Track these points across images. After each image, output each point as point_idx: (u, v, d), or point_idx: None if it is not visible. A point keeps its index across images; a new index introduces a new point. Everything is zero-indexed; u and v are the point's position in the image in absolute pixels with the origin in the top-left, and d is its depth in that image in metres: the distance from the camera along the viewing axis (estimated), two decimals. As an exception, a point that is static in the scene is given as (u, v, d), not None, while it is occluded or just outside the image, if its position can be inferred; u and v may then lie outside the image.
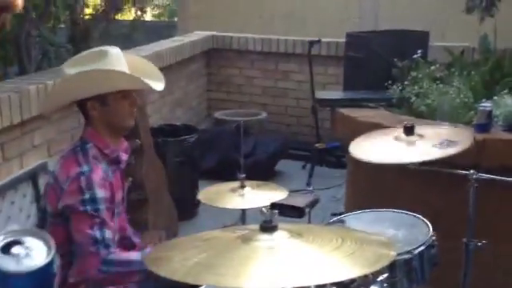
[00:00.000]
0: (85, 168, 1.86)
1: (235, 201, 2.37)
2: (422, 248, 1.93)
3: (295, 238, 1.40)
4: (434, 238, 2.02)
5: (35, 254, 1.65)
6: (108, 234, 1.85)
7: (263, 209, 1.41)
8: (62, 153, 2.06)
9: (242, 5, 7.31)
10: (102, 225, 1.84)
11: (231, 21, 7.05)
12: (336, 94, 4.08)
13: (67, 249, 1.89)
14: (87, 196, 1.83)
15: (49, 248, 1.67)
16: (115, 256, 1.85)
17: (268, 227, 1.36)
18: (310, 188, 4.10)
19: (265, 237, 1.37)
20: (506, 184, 2.20)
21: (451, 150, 2.18)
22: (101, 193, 1.85)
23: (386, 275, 1.61)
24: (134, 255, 1.90)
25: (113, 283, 1.88)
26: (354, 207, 2.73)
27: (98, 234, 1.83)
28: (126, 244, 2.08)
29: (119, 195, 1.99)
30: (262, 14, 7.16)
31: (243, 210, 2.46)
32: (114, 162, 1.98)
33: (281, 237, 1.38)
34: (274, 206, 2.16)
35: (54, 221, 1.93)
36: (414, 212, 2.21)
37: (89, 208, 1.83)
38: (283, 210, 2.32)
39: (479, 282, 2.34)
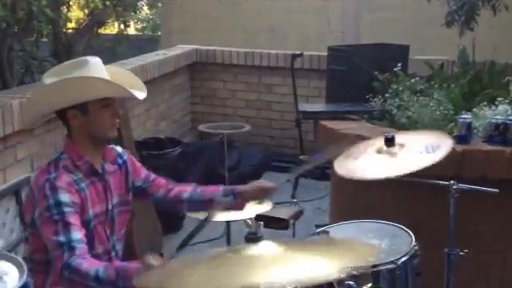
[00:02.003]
0: (51, 175, 1.85)
1: (220, 213, 2.38)
2: (405, 258, 1.96)
3: (280, 249, 1.43)
4: (416, 248, 2.05)
5: (8, 278, 1.64)
6: (75, 235, 1.79)
7: (248, 221, 1.43)
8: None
9: (226, 19, 7.38)
10: (67, 227, 1.79)
11: (214, 35, 7.11)
12: (319, 106, 4.13)
13: (44, 258, 1.87)
14: (51, 201, 1.81)
15: (21, 272, 1.65)
16: (76, 262, 1.76)
17: (253, 238, 1.38)
18: (295, 200, 4.12)
19: (251, 248, 1.39)
20: (485, 194, 2.24)
21: (435, 156, 2.21)
22: (65, 196, 1.82)
23: (369, 285, 1.63)
24: (95, 268, 1.76)
25: None
26: (338, 218, 2.75)
27: (61, 237, 1.78)
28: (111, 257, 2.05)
29: (98, 208, 1.95)
30: (245, 28, 7.23)
31: (228, 223, 2.48)
32: (92, 173, 1.95)
33: (267, 246, 1.41)
34: (258, 217, 2.18)
35: (32, 231, 1.92)
36: (397, 222, 2.24)
37: (54, 212, 1.80)
38: (268, 221, 2.33)
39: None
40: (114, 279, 1.72)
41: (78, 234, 1.80)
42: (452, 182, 2.16)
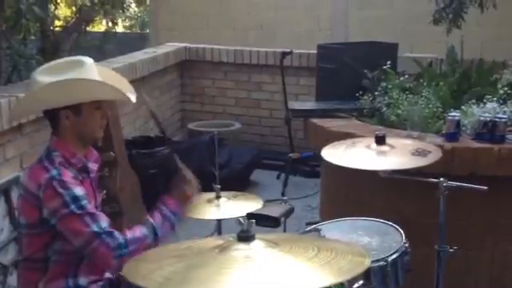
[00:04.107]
0: (53, 172, 1.86)
1: (211, 211, 2.38)
2: (395, 255, 1.97)
3: (272, 247, 1.43)
4: (406, 245, 2.06)
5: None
6: (103, 223, 1.85)
7: (240, 219, 1.43)
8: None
9: (215, 17, 7.36)
10: (94, 217, 1.84)
11: (203, 32, 7.09)
12: (308, 104, 4.13)
13: (43, 256, 1.90)
14: (67, 197, 1.82)
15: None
16: (125, 238, 1.85)
17: (245, 237, 1.38)
18: (285, 198, 4.13)
19: (242, 246, 1.39)
20: (474, 191, 2.26)
21: (423, 160, 2.24)
22: (78, 190, 1.85)
23: (361, 282, 1.64)
24: (139, 231, 1.89)
25: None
26: (328, 216, 2.76)
27: (94, 227, 1.83)
28: None
29: (92, 204, 1.98)
30: (234, 26, 7.22)
31: (219, 221, 2.48)
32: (83, 171, 1.98)
33: (257, 246, 1.41)
34: (249, 216, 2.18)
35: (29, 231, 1.92)
36: (387, 220, 2.25)
37: (73, 207, 1.82)
38: (259, 219, 2.33)
39: (451, 287, 2.39)
40: (166, 222, 1.95)
41: (105, 221, 1.87)
42: (441, 179, 2.17)
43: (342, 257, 1.43)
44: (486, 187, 2.20)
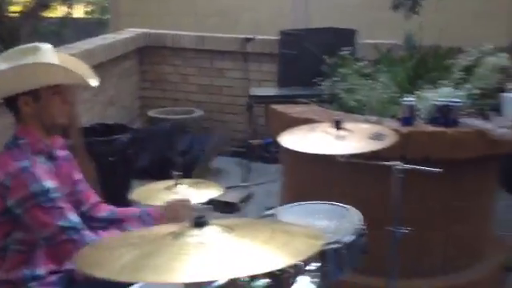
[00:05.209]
0: (25, 163, 1.83)
1: (169, 199, 2.37)
2: (351, 237, 2.00)
3: (226, 232, 1.43)
4: (363, 227, 2.10)
5: None
6: (73, 217, 1.85)
7: (197, 204, 1.43)
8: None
9: (176, 2, 7.26)
10: (63, 212, 1.83)
11: (165, 18, 6.99)
12: (270, 90, 4.15)
13: (1, 245, 1.89)
14: (37, 189, 1.81)
15: None
16: (90, 239, 1.83)
17: (199, 223, 1.38)
18: (246, 184, 4.15)
19: (196, 232, 1.39)
20: (429, 174, 2.31)
21: (379, 144, 2.27)
22: (49, 183, 1.83)
23: (316, 264, 1.66)
24: (115, 234, 1.90)
25: None
26: (288, 201, 2.77)
27: (62, 222, 1.82)
28: None
29: (64, 190, 1.96)
30: (195, 11, 7.14)
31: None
32: (50, 157, 1.95)
33: (212, 232, 1.41)
34: (208, 202, 2.18)
35: None
36: (345, 203, 2.29)
37: (42, 199, 1.81)
38: (217, 205, 2.34)
39: (407, 267, 2.45)
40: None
41: (74, 216, 1.86)
42: (397, 162, 2.21)
43: (296, 238, 1.44)
44: (440, 169, 2.25)
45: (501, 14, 5.51)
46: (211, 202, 2.24)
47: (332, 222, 2.20)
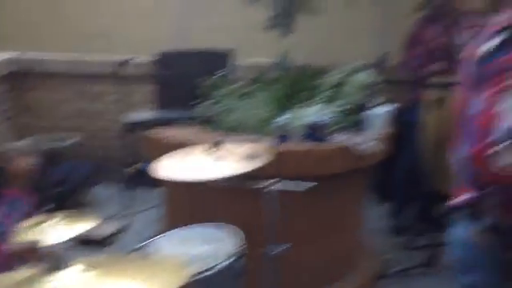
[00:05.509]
0: None
1: (37, 236, 2.21)
2: (228, 260, 1.99)
3: (89, 271, 1.36)
4: (241, 249, 2.10)
5: None
6: None
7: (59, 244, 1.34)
8: None
9: (49, 24, 6.94)
10: None
11: (38, 41, 6.65)
12: (147, 114, 4.05)
13: None
14: None
15: None
16: None
17: (54, 266, 1.29)
18: (125, 212, 4.01)
19: (55, 276, 1.30)
20: (304, 191, 2.37)
21: (255, 164, 2.29)
22: None
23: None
24: None
25: None
26: (169, 227, 2.72)
27: None
28: None
29: None
30: (71, 34, 6.87)
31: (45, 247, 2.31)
32: None
33: (72, 273, 1.33)
34: (78, 237, 2.07)
35: None
36: (224, 225, 2.27)
37: None
38: (86, 241, 2.23)
39: (287, 283, 2.48)
40: None
41: None
42: (269, 181, 2.24)
43: (165, 271, 1.41)
44: (310, 185, 2.31)
45: (371, 31, 5.86)
46: (82, 236, 2.12)
47: (210, 246, 2.19)
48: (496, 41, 1.42)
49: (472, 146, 1.39)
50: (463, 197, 1.56)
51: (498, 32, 1.44)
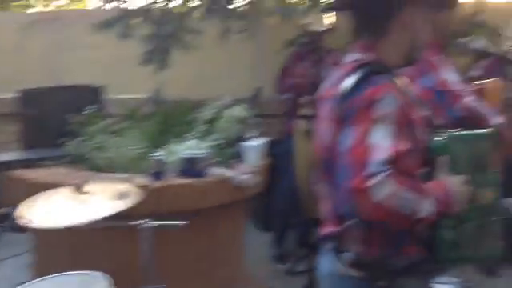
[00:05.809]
0: None
1: None
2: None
3: None
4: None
5: None
6: None
7: None
8: None
9: None
10: None
11: None
12: (12, 154, 3.80)
13: None
14: None
15: None
16: None
17: None
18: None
19: None
20: (180, 226, 2.32)
21: (125, 203, 2.21)
22: None
23: None
24: None
25: None
26: (38, 275, 2.53)
27: None
28: None
29: None
30: None
31: None
32: None
33: None
34: None
35: None
36: (99, 269, 2.17)
37: None
38: None
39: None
40: None
41: None
42: (142, 220, 2.18)
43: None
44: (187, 222, 2.27)
45: (244, 66, 6.01)
46: None
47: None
48: (352, 79, 1.48)
49: (347, 179, 1.37)
50: (327, 229, 1.58)
51: (354, 70, 1.50)
